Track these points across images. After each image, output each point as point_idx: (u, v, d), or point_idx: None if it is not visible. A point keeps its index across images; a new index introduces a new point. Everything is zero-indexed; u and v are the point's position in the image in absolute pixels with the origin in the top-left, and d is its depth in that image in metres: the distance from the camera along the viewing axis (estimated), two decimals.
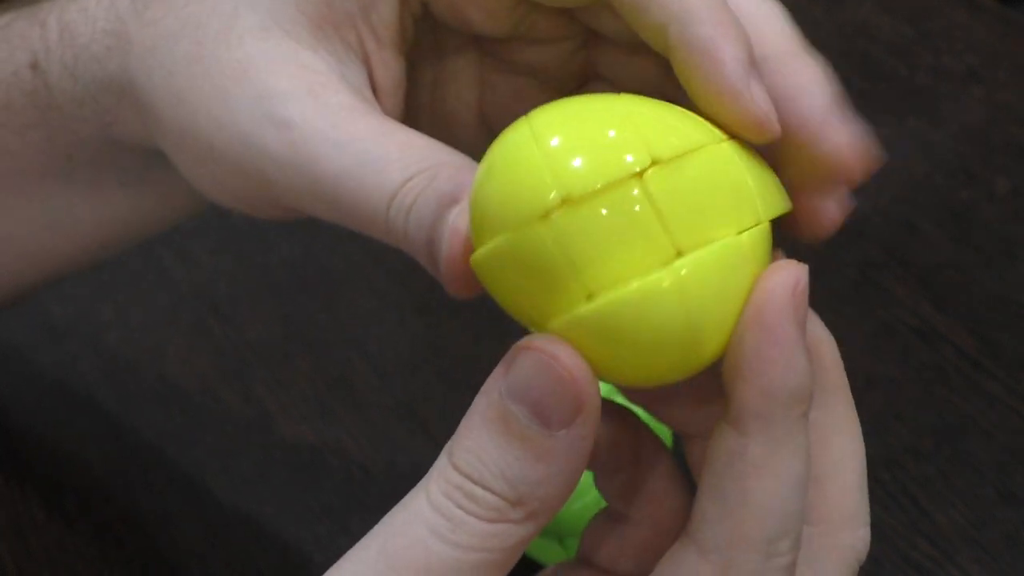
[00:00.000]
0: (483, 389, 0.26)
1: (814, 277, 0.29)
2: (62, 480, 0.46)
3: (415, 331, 0.50)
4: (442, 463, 0.26)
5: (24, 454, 0.47)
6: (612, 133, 0.26)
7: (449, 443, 0.26)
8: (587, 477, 0.31)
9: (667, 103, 0.27)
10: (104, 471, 0.46)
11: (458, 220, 0.27)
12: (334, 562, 0.43)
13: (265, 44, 0.31)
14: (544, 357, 0.25)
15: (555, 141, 0.26)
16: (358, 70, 0.32)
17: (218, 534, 0.44)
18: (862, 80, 0.68)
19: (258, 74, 0.30)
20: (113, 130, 0.35)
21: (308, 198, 0.30)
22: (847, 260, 0.56)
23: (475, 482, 0.25)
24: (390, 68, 0.32)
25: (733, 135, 0.27)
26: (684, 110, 0.27)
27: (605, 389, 0.30)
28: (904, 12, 0.74)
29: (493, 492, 0.25)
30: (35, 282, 0.42)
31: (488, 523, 0.25)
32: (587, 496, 0.39)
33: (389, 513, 0.26)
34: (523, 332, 0.26)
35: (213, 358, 0.51)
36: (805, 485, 0.26)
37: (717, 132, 0.27)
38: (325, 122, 0.29)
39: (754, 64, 0.27)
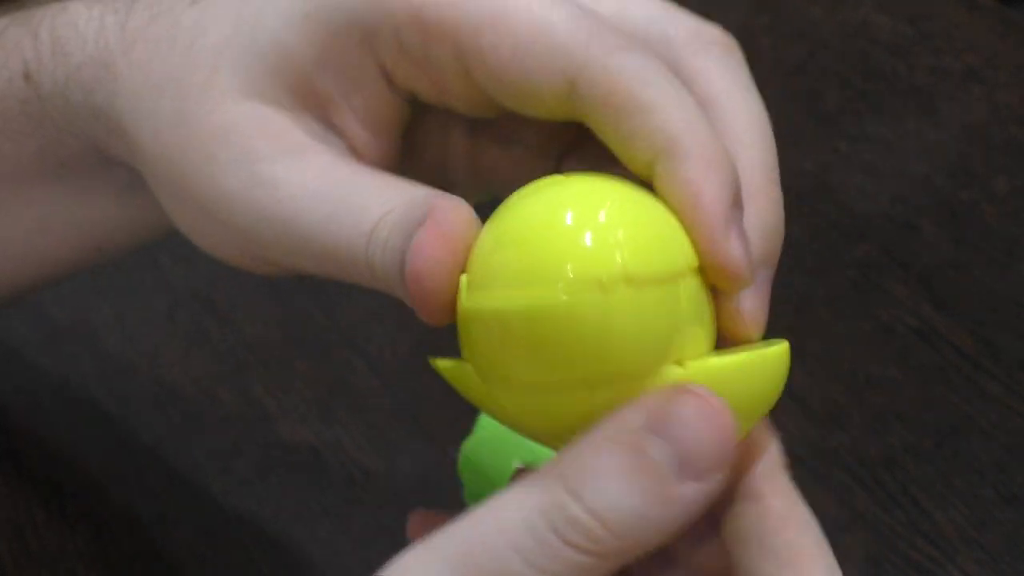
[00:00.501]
0: (613, 417, 0.25)
1: (815, 278, 0.29)
2: (61, 481, 0.46)
3: (415, 332, 0.50)
4: (548, 481, 0.25)
5: (23, 455, 0.47)
6: (659, 226, 0.27)
7: (558, 463, 0.25)
8: None
9: (654, 200, 0.27)
10: (103, 472, 0.46)
11: (426, 237, 0.26)
12: (334, 563, 0.42)
13: (243, 108, 0.31)
14: (708, 407, 0.25)
15: (603, 215, 0.26)
16: (340, 143, 0.32)
17: (217, 535, 0.44)
18: (862, 80, 0.67)
19: (240, 138, 0.31)
20: (106, 152, 0.36)
21: (295, 253, 0.30)
22: (847, 260, 0.56)
23: (585, 505, 0.24)
24: (372, 149, 0.32)
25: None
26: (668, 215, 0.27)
27: None
28: (904, 12, 0.73)
29: (600, 521, 0.24)
30: (31, 284, 0.42)
31: (578, 553, 0.24)
32: None
33: (480, 511, 0.25)
34: None
35: (211, 359, 0.51)
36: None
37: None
38: (308, 176, 0.30)
39: (738, 206, 0.27)
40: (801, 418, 0.49)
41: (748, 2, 0.75)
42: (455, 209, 0.27)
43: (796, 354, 0.51)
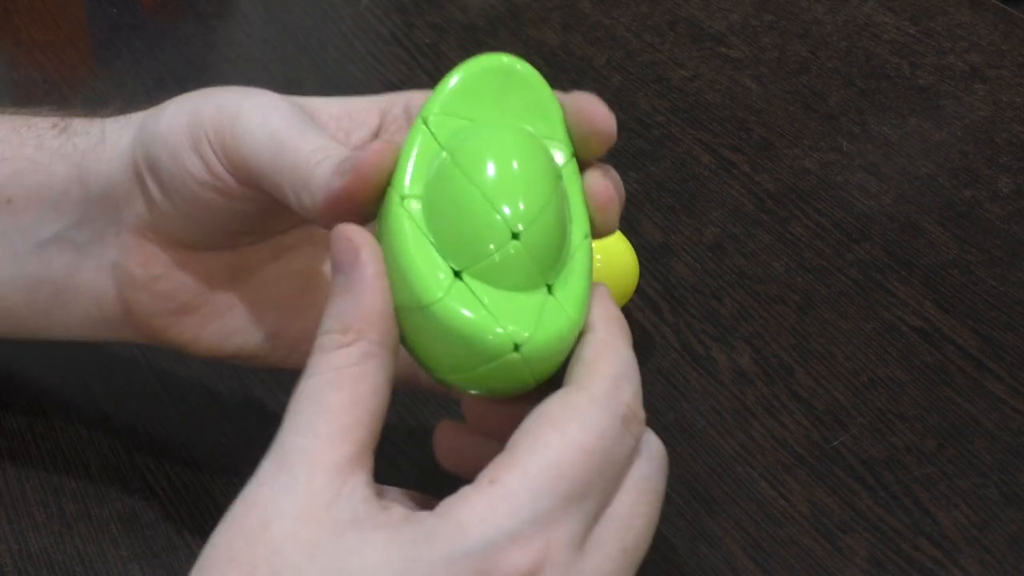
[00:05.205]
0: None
1: (818, 277, 0.29)
2: (61, 481, 0.46)
3: None
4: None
5: (23, 454, 0.47)
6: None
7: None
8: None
9: None
10: (102, 472, 0.46)
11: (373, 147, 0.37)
12: None
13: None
14: (339, 233, 0.35)
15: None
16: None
17: None
18: (865, 79, 0.67)
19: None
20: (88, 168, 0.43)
21: (267, 161, 0.40)
22: (850, 261, 0.56)
23: (320, 333, 0.35)
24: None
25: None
26: None
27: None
28: (907, 11, 0.73)
29: (328, 332, 0.34)
30: None
31: (325, 354, 0.34)
32: None
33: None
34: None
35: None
36: (634, 368, 0.35)
37: None
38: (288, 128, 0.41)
39: None
40: (804, 418, 0.48)
41: (751, 1, 0.75)
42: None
43: (799, 354, 0.51)
